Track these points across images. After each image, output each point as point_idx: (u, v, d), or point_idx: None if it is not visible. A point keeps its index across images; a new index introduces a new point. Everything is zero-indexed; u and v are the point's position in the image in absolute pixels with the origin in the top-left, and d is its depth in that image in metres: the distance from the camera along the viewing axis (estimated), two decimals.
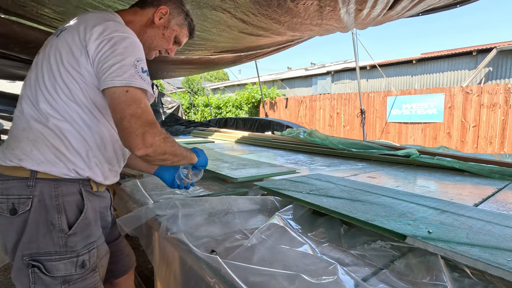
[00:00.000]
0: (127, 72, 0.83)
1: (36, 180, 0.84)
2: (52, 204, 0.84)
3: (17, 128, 0.89)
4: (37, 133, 0.86)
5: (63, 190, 0.86)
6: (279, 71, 20.57)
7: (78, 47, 0.86)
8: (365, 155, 2.41)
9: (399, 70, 10.47)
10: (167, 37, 1.08)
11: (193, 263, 0.84)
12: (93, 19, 0.91)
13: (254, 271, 0.69)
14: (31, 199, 0.83)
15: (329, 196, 1.15)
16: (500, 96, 6.73)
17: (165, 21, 1.06)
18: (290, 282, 0.65)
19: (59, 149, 0.86)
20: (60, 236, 0.85)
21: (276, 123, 4.97)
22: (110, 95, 0.83)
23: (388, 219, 0.89)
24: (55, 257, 0.84)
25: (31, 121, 0.87)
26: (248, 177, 1.59)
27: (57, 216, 0.84)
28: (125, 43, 0.86)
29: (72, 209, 0.87)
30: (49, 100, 0.86)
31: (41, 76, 0.88)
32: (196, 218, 1.10)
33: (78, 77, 0.87)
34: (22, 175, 0.84)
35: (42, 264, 0.83)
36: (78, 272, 0.87)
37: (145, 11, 1.04)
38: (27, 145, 0.85)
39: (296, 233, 0.90)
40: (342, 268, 0.71)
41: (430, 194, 1.39)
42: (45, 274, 0.83)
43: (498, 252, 0.70)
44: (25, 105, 0.89)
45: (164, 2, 1.05)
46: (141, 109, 0.83)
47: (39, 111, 0.86)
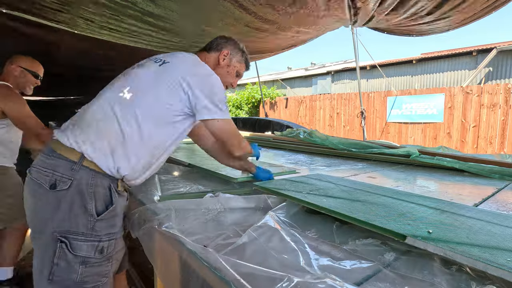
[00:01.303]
0: (216, 108, 1.11)
1: (81, 167, 0.96)
2: (87, 191, 0.96)
3: (94, 117, 1.03)
4: (110, 129, 1.00)
5: (97, 182, 0.98)
6: (279, 71, 20.58)
7: (177, 84, 1.06)
8: (365, 155, 2.41)
9: (399, 70, 10.47)
10: (231, 73, 1.33)
11: (193, 262, 0.84)
12: (188, 62, 1.15)
13: (247, 268, 0.69)
14: (71, 181, 0.95)
15: (329, 196, 1.15)
16: (500, 96, 6.73)
17: (228, 61, 1.30)
18: (279, 281, 0.65)
19: (118, 148, 1.00)
20: (90, 220, 0.96)
21: (276, 123, 4.97)
22: (208, 125, 1.14)
23: (388, 219, 0.90)
24: (81, 237, 0.95)
25: (112, 118, 1.01)
26: (248, 177, 1.59)
27: (90, 202, 0.96)
28: (214, 84, 1.13)
29: (101, 199, 0.99)
30: (137, 111, 1.02)
31: (139, 90, 1.06)
32: (192, 217, 1.10)
33: (171, 106, 1.06)
34: (71, 158, 0.97)
35: (69, 242, 0.94)
36: (96, 257, 0.97)
37: (212, 55, 1.29)
38: (96, 133, 0.99)
39: (287, 231, 0.90)
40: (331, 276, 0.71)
41: (430, 194, 1.39)
42: (70, 252, 0.93)
43: (498, 252, 0.70)
44: (112, 102, 1.04)
45: (225, 46, 1.31)
46: (232, 130, 1.21)
47: (126, 114, 1.02)
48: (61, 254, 0.93)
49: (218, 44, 1.30)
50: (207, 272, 0.77)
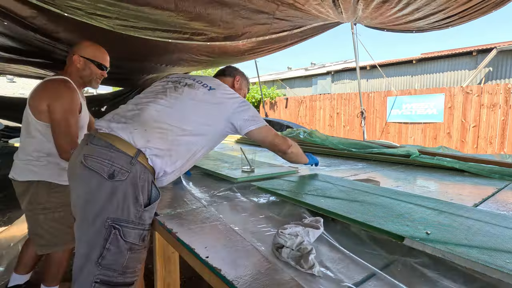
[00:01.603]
0: (256, 120, 1.32)
1: (137, 161, 1.05)
2: (139, 183, 1.05)
3: (154, 123, 1.14)
4: (167, 135, 1.13)
5: (145, 177, 1.07)
6: (279, 71, 20.58)
7: (223, 109, 1.27)
8: (365, 155, 2.41)
9: (399, 70, 10.47)
10: (241, 94, 1.56)
11: (193, 263, 0.84)
12: (225, 87, 1.35)
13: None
14: (129, 173, 1.03)
15: (327, 197, 1.15)
16: (500, 96, 6.73)
17: (239, 85, 1.58)
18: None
19: (172, 155, 1.13)
20: (139, 210, 1.04)
21: (276, 123, 4.97)
22: (254, 134, 1.32)
23: (386, 220, 0.89)
24: (131, 225, 1.02)
25: (169, 125, 1.15)
26: (248, 177, 1.59)
27: (140, 194, 1.04)
28: (247, 104, 1.34)
29: (146, 192, 1.07)
30: (190, 126, 1.19)
31: (190, 107, 1.22)
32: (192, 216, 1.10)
33: (213, 123, 1.25)
34: (129, 152, 1.05)
35: (122, 228, 1.01)
36: (140, 244, 1.05)
37: (228, 80, 1.54)
38: (157, 138, 1.11)
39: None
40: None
41: (430, 194, 1.39)
42: (122, 238, 1.01)
43: (496, 253, 0.70)
44: (169, 113, 1.18)
45: (236, 74, 1.59)
46: (274, 133, 1.41)
47: (180, 127, 1.17)
48: (113, 240, 1.00)
49: (231, 72, 1.59)
50: (215, 279, 0.77)
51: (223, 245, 0.86)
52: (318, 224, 0.88)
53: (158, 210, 1.15)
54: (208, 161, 2.06)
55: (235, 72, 1.61)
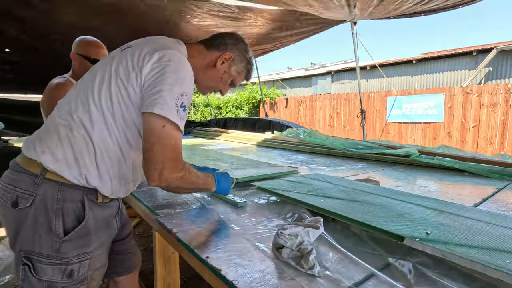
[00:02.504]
0: (168, 103, 0.85)
1: (44, 180, 0.85)
2: (53, 207, 0.85)
3: (53, 122, 0.91)
4: (71, 133, 0.88)
5: (66, 196, 0.86)
6: (279, 71, 20.58)
7: (134, 66, 0.89)
8: (365, 155, 2.41)
9: (399, 70, 10.46)
10: (224, 80, 1.12)
11: (193, 263, 0.84)
12: (158, 44, 0.94)
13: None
14: (34, 197, 0.84)
15: (327, 197, 1.14)
16: (500, 96, 6.72)
17: (226, 67, 1.09)
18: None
19: (82, 154, 0.87)
20: (55, 241, 0.85)
21: (276, 123, 4.97)
22: (148, 121, 0.86)
23: (386, 220, 0.89)
24: (46, 260, 0.85)
25: (70, 119, 0.89)
26: (248, 177, 1.58)
27: (55, 220, 0.85)
28: (178, 75, 0.89)
29: (70, 216, 0.87)
30: (96, 106, 0.89)
31: (96, 82, 0.91)
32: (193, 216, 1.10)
33: (125, 95, 0.89)
34: (32, 171, 0.86)
35: (33, 264, 0.84)
36: (64, 281, 0.87)
37: (210, 53, 1.07)
38: (54, 141, 0.87)
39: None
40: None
41: (430, 194, 1.39)
42: (33, 275, 0.84)
43: (496, 253, 0.70)
44: (73, 103, 0.92)
45: (230, 49, 1.08)
46: (170, 146, 0.87)
47: (82, 113, 0.89)
48: (25, 276, 0.85)
49: (223, 44, 1.08)
50: (207, 272, 0.77)
51: (223, 245, 0.86)
52: (318, 224, 0.88)
53: (158, 210, 1.14)
54: (208, 161, 2.06)
55: (230, 45, 1.08)
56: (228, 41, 1.09)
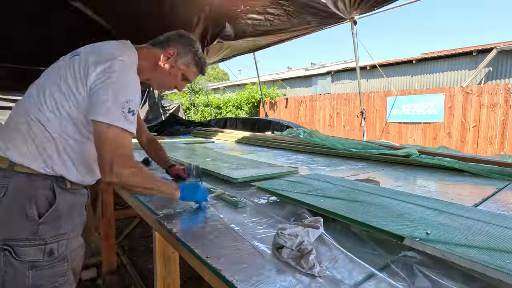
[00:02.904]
0: (114, 113, 0.93)
1: (13, 173, 0.94)
2: (25, 195, 0.93)
3: (13, 121, 1.00)
4: (30, 129, 0.97)
5: (36, 184, 0.95)
6: (279, 71, 20.58)
7: (81, 76, 0.97)
8: (365, 155, 2.41)
9: (399, 70, 10.47)
10: (173, 75, 1.19)
11: (193, 263, 0.84)
12: (103, 54, 1.00)
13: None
14: (6, 188, 0.92)
15: (327, 197, 1.14)
16: (500, 96, 6.73)
17: (172, 62, 1.16)
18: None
19: (44, 147, 0.97)
20: (32, 224, 0.93)
21: (276, 123, 4.97)
22: (95, 126, 0.95)
23: (386, 220, 0.89)
24: (25, 243, 0.93)
25: (28, 118, 0.98)
26: (248, 177, 1.58)
27: (29, 206, 0.93)
28: (120, 84, 0.96)
29: (42, 201, 0.96)
30: (49, 107, 0.98)
31: (47, 87, 1.00)
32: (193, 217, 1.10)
33: (74, 99, 0.98)
34: (1, 166, 0.94)
35: (12, 248, 0.92)
36: (46, 259, 0.96)
37: (153, 51, 1.15)
38: (17, 137, 0.97)
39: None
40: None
41: (430, 194, 1.39)
42: (15, 258, 0.92)
43: (496, 253, 0.70)
44: (28, 104, 1.01)
45: (173, 45, 1.16)
46: (116, 145, 0.93)
47: (39, 113, 0.98)
48: (7, 262, 0.92)
49: (166, 40, 1.16)
50: (207, 272, 0.77)
51: (223, 245, 0.86)
52: (318, 224, 0.88)
53: (158, 210, 1.14)
54: (208, 161, 2.06)
55: (173, 41, 1.15)
56: (171, 37, 1.17)
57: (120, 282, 2.41)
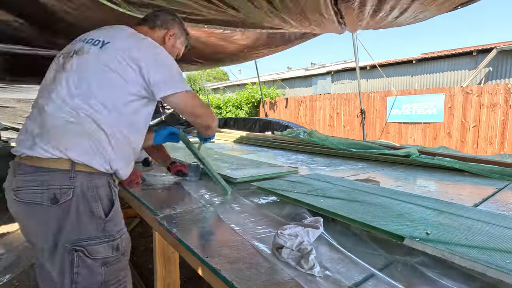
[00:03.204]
0: (183, 82, 1.08)
1: (76, 173, 0.94)
2: (90, 194, 0.95)
3: (59, 120, 0.96)
4: (83, 128, 0.96)
5: (97, 182, 0.97)
6: (279, 71, 20.57)
7: (127, 60, 1.00)
8: (365, 155, 2.41)
9: (399, 70, 10.46)
10: (173, 52, 1.28)
11: (193, 262, 0.84)
12: (134, 37, 1.07)
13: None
14: (73, 189, 0.92)
15: (327, 197, 1.14)
16: (500, 96, 6.72)
17: (173, 41, 1.26)
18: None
19: (101, 144, 0.98)
20: (99, 223, 0.95)
21: (276, 123, 4.97)
22: (174, 99, 1.07)
23: (386, 220, 0.89)
24: (96, 241, 0.94)
25: (78, 117, 0.96)
26: (248, 177, 1.59)
27: (95, 205, 0.95)
28: (167, 57, 1.08)
29: (105, 199, 0.98)
30: (99, 101, 0.98)
31: (94, 79, 0.99)
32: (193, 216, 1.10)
33: (125, 88, 1.01)
34: (63, 167, 0.93)
35: (85, 248, 0.93)
36: (114, 255, 0.98)
37: (155, 32, 1.22)
38: (73, 137, 0.95)
39: None
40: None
41: (430, 194, 1.39)
42: (88, 257, 0.93)
43: (496, 253, 0.70)
44: (70, 98, 0.97)
45: (172, 26, 1.25)
46: (199, 104, 1.15)
47: (89, 109, 0.97)
48: (80, 262, 0.92)
49: (164, 22, 1.24)
50: (207, 272, 0.77)
51: (223, 245, 0.86)
52: (318, 224, 0.88)
53: (158, 210, 1.14)
54: (208, 161, 2.06)
55: (170, 22, 1.25)
56: (167, 19, 1.25)
57: None
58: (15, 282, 2.23)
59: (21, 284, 2.22)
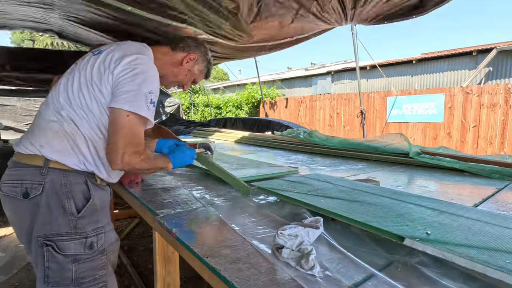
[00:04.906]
0: (138, 100, 0.99)
1: (48, 169, 0.96)
2: (62, 191, 0.96)
3: (44, 119, 1.02)
4: (61, 127, 0.99)
5: (71, 180, 0.98)
6: (279, 71, 20.58)
7: (106, 68, 1.02)
8: (365, 155, 2.41)
9: (399, 70, 10.46)
10: (188, 77, 1.31)
11: (193, 262, 0.84)
12: (128, 49, 1.07)
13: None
14: (42, 185, 0.95)
15: (327, 197, 1.14)
16: (500, 96, 6.72)
17: (191, 66, 1.28)
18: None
19: (77, 144, 1.00)
20: (71, 219, 0.97)
21: (276, 123, 4.97)
22: (114, 113, 0.99)
23: (386, 220, 0.89)
24: (66, 237, 0.96)
25: (59, 116, 1.00)
26: (248, 177, 1.58)
27: (67, 201, 0.97)
28: (145, 76, 1.03)
29: (79, 196, 0.99)
30: (78, 105, 1.01)
31: (75, 85, 1.03)
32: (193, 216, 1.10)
33: (99, 94, 1.02)
34: (36, 164, 0.96)
35: (55, 243, 0.95)
36: (87, 253, 0.99)
37: (176, 54, 1.24)
38: (50, 135, 0.98)
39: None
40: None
41: (430, 194, 1.39)
42: (58, 253, 0.95)
43: (496, 253, 0.70)
44: (57, 101, 1.02)
45: (194, 51, 1.27)
46: (132, 133, 0.98)
47: (69, 111, 1.00)
48: (49, 256, 0.94)
49: (187, 46, 1.26)
50: (215, 280, 0.77)
51: (223, 245, 0.86)
52: (318, 224, 0.88)
53: (158, 210, 1.14)
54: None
55: (193, 48, 1.26)
56: (191, 44, 1.28)
57: (120, 282, 2.41)
58: (15, 282, 2.23)
59: (21, 284, 2.22)
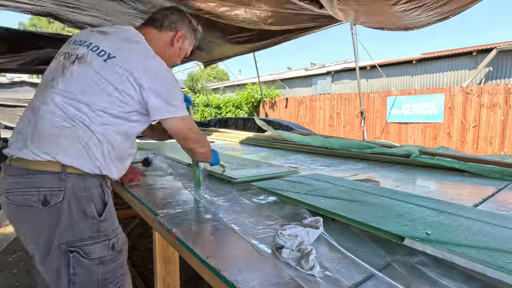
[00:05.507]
0: (181, 108, 1.08)
1: (67, 175, 0.94)
2: (82, 195, 0.96)
3: (51, 124, 0.95)
4: (75, 132, 0.96)
5: (89, 184, 0.98)
6: (279, 71, 20.57)
7: (129, 75, 1.00)
8: (365, 155, 2.41)
9: (399, 70, 10.46)
10: (180, 55, 1.27)
11: (193, 262, 0.84)
12: (140, 51, 1.05)
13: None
14: (63, 191, 0.93)
15: (327, 197, 1.14)
16: (500, 96, 6.72)
17: (181, 44, 1.23)
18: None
19: (91, 149, 0.98)
20: (93, 222, 0.97)
21: (276, 123, 4.96)
22: (169, 124, 1.08)
23: (386, 220, 0.89)
24: (90, 241, 0.96)
25: (71, 121, 0.96)
26: (248, 177, 1.58)
27: (88, 206, 0.96)
28: (170, 78, 1.06)
29: (97, 199, 1.00)
30: (94, 110, 0.98)
31: (90, 87, 0.99)
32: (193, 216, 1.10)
33: (120, 100, 1.01)
34: (53, 170, 0.93)
35: (80, 248, 0.94)
36: (110, 254, 1.00)
37: (163, 34, 1.19)
38: (63, 141, 0.95)
39: None
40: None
41: (430, 194, 1.39)
42: (84, 257, 0.94)
43: (496, 253, 0.70)
44: (64, 104, 0.97)
45: (180, 27, 1.21)
46: (193, 134, 1.16)
47: (83, 116, 0.97)
48: (76, 262, 0.94)
49: (172, 22, 1.19)
50: (207, 272, 0.77)
51: (223, 245, 0.86)
52: (318, 224, 0.88)
53: (158, 210, 1.14)
54: None
55: (178, 23, 1.20)
56: (176, 19, 1.21)
57: None
58: (15, 282, 2.23)
59: (21, 284, 2.22)
